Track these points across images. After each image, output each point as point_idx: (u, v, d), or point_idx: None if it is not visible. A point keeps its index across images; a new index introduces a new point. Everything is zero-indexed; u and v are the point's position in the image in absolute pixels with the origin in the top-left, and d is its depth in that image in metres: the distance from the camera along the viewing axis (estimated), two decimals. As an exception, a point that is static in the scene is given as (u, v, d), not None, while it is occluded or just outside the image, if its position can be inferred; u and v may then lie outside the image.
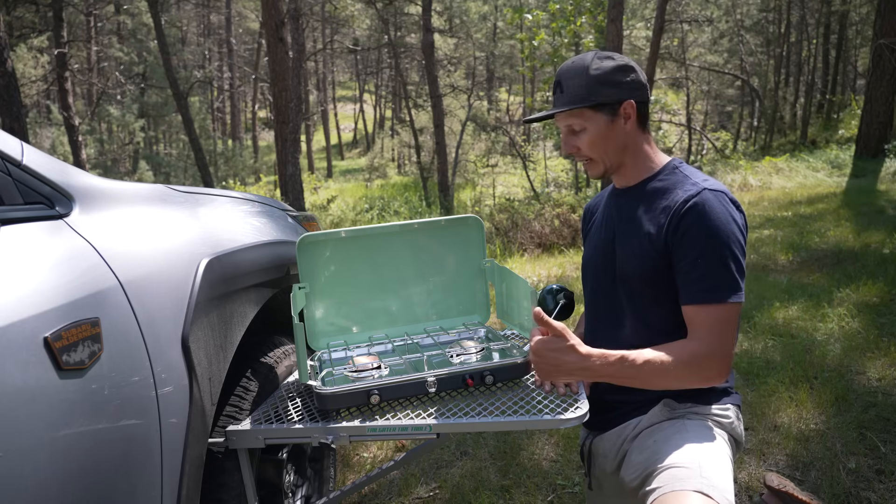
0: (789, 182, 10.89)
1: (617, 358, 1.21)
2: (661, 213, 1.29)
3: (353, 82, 42.34)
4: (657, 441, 1.25)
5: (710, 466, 1.15)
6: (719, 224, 1.22)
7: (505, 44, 30.33)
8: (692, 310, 1.24)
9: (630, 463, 1.29)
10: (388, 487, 2.31)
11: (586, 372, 1.22)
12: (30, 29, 18.75)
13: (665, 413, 1.30)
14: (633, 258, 1.33)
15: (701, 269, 1.22)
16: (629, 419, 1.35)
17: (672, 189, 1.31)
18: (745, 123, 23.75)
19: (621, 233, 1.38)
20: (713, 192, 1.25)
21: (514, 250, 7.10)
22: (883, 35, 10.63)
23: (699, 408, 1.30)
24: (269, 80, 12.64)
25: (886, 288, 3.94)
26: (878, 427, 2.38)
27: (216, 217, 1.57)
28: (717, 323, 1.21)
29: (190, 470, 1.20)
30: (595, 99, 1.31)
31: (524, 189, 15.40)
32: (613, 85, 1.32)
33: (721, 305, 1.21)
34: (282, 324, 1.89)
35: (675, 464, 1.16)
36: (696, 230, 1.23)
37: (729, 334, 1.22)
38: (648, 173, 1.37)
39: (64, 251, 1.05)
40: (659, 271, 1.29)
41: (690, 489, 1.08)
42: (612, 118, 1.33)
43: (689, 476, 1.12)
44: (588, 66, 1.32)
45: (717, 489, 1.08)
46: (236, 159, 27.20)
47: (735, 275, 1.22)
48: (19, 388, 0.87)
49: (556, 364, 1.23)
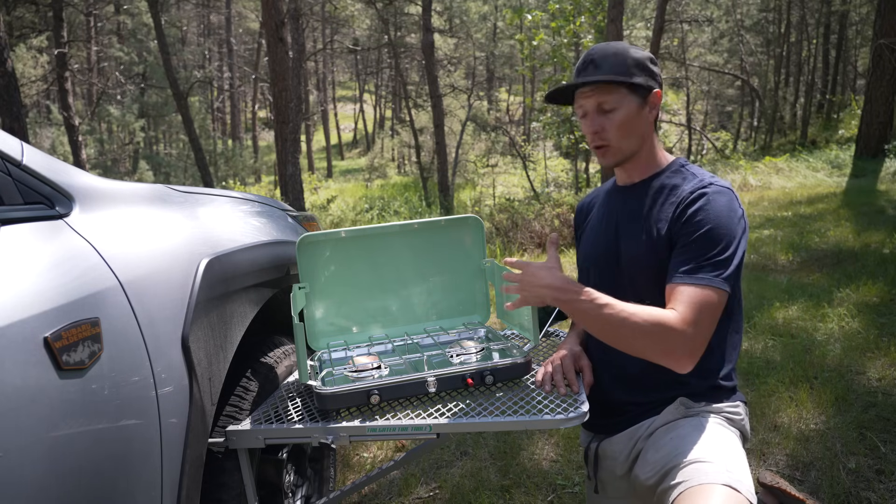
0: (789, 182, 10.89)
1: (594, 297, 1.22)
2: (667, 209, 1.30)
3: (353, 82, 42.36)
4: (674, 438, 1.25)
5: (735, 462, 1.15)
6: (721, 215, 1.23)
7: (505, 44, 30.35)
8: (673, 287, 1.23)
9: (646, 461, 1.28)
10: (388, 487, 2.31)
11: (561, 294, 1.25)
12: (30, 29, 18.75)
13: (681, 411, 1.30)
14: (641, 254, 1.33)
15: (693, 252, 1.23)
16: (641, 420, 1.35)
17: (680, 185, 1.32)
18: (745, 123, 23.76)
19: (626, 229, 1.37)
20: (721, 187, 1.28)
21: (514, 250, 7.10)
22: (883, 35, 10.63)
23: (713, 406, 1.31)
24: (269, 80, 12.64)
25: (886, 288, 3.94)
26: (878, 427, 2.38)
27: (216, 217, 1.57)
28: (696, 303, 1.19)
29: (190, 470, 1.20)
30: (636, 79, 1.31)
31: (524, 189, 15.40)
32: (649, 73, 1.33)
33: (703, 288, 1.20)
34: (282, 324, 1.89)
35: (698, 458, 1.16)
36: (698, 218, 1.24)
37: (705, 319, 1.19)
38: (655, 170, 1.38)
39: (64, 251, 1.05)
40: (665, 265, 1.29)
41: (718, 482, 1.08)
42: (643, 104, 1.33)
43: (714, 470, 1.11)
44: (627, 49, 1.33)
45: (743, 484, 1.09)
46: (236, 159, 27.20)
47: (726, 263, 1.21)
48: (19, 388, 0.87)
49: (536, 277, 1.27)
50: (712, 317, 1.21)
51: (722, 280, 1.21)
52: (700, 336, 1.20)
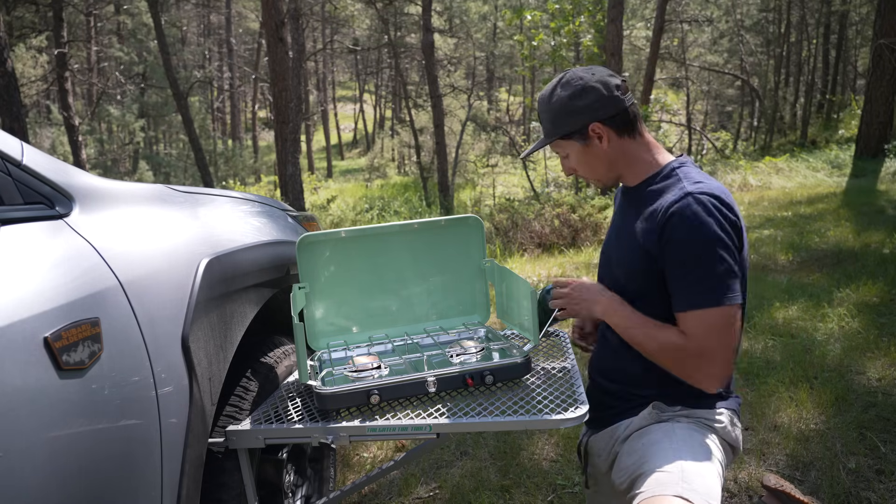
0: (789, 182, 10.89)
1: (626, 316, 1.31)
2: (649, 218, 1.29)
3: (353, 82, 42.34)
4: (644, 444, 1.26)
5: (694, 471, 1.14)
6: (699, 229, 1.20)
7: (505, 44, 30.34)
8: (683, 316, 1.24)
9: (619, 466, 1.30)
10: (388, 487, 2.31)
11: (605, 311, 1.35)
12: (30, 29, 18.75)
13: (654, 416, 1.30)
14: (625, 259, 1.36)
15: (687, 276, 1.23)
16: (623, 419, 1.36)
17: (663, 193, 1.30)
18: (745, 123, 23.76)
19: (620, 232, 1.41)
20: (698, 195, 1.22)
21: (514, 250, 7.10)
22: (883, 35, 10.63)
23: (689, 411, 1.30)
24: (269, 80, 12.64)
25: (886, 288, 3.94)
26: (878, 427, 2.38)
27: (216, 217, 1.57)
28: (708, 327, 1.21)
29: (190, 470, 1.20)
30: (560, 131, 1.36)
31: (524, 189, 15.40)
32: (572, 113, 1.34)
33: (711, 309, 1.20)
34: (282, 324, 1.89)
35: (658, 468, 1.17)
36: (677, 237, 1.22)
37: (714, 338, 1.21)
38: (648, 174, 1.38)
39: (64, 251, 1.05)
40: (642, 273, 1.30)
41: (670, 494, 1.09)
42: (585, 142, 1.36)
43: (670, 481, 1.12)
44: (549, 99, 1.37)
45: (699, 493, 1.08)
46: (236, 159, 27.19)
47: (721, 277, 1.20)
48: (19, 388, 0.87)
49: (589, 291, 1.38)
50: (724, 333, 1.21)
51: (727, 296, 1.20)
52: (715, 357, 1.22)
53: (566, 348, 1.67)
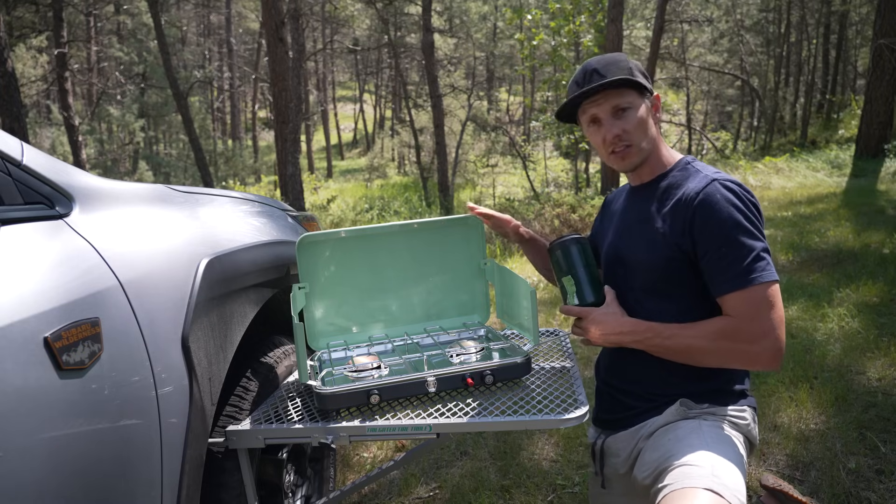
0: (789, 182, 10.88)
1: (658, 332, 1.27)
2: (674, 209, 1.30)
3: (353, 82, 42.34)
4: (671, 440, 1.25)
5: (723, 466, 1.15)
6: (732, 211, 1.23)
7: (505, 44, 30.35)
8: (729, 298, 1.23)
9: (643, 461, 1.29)
10: (388, 487, 2.31)
11: (632, 336, 1.30)
12: (30, 29, 18.74)
13: (681, 413, 1.30)
14: (647, 256, 1.33)
15: (727, 257, 1.23)
16: (645, 419, 1.35)
17: (684, 184, 1.32)
18: (745, 123, 23.76)
19: (634, 230, 1.39)
20: (724, 181, 1.26)
21: (514, 250, 7.10)
22: (883, 35, 10.62)
23: (716, 409, 1.30)
24: (269, 80, 12.64)
25: (886, 288, 3.94)
26: (878, 427, 2.38)
27: (216, 217, 1.57)
28: (759, 303, 1.20)
29: (190, 470, 1.20)
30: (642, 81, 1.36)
31: (524, 189, 15.41)
32: (645, 76, 1.37)
33: (758, 286, 1.20)
34: (282, 324, 1.89)
35: (687, 462, 1.16)
36: (712, 220, 1.23)
37: (766, 314, 1.20)
38: (662, 170, 1.39)
39: (64, 251, 1.05)
40: (674, 266, 1.29)
41: (701, 487, 1.08)
42: (649, 106, 1.38)
43: (700, 474, 1.12)
44: (624, 56, 1.38)
45: (728, 488, 1.08)
46: (236, 159, 27.19)
47: (760, 254, 1.21)
48: (19, 388, 0.87)
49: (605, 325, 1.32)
50: (775, 307, 1.21)
51: (763, 274, 1.20)
52: (773, 331, 1.20)
53: (566, 348, 1.67)
